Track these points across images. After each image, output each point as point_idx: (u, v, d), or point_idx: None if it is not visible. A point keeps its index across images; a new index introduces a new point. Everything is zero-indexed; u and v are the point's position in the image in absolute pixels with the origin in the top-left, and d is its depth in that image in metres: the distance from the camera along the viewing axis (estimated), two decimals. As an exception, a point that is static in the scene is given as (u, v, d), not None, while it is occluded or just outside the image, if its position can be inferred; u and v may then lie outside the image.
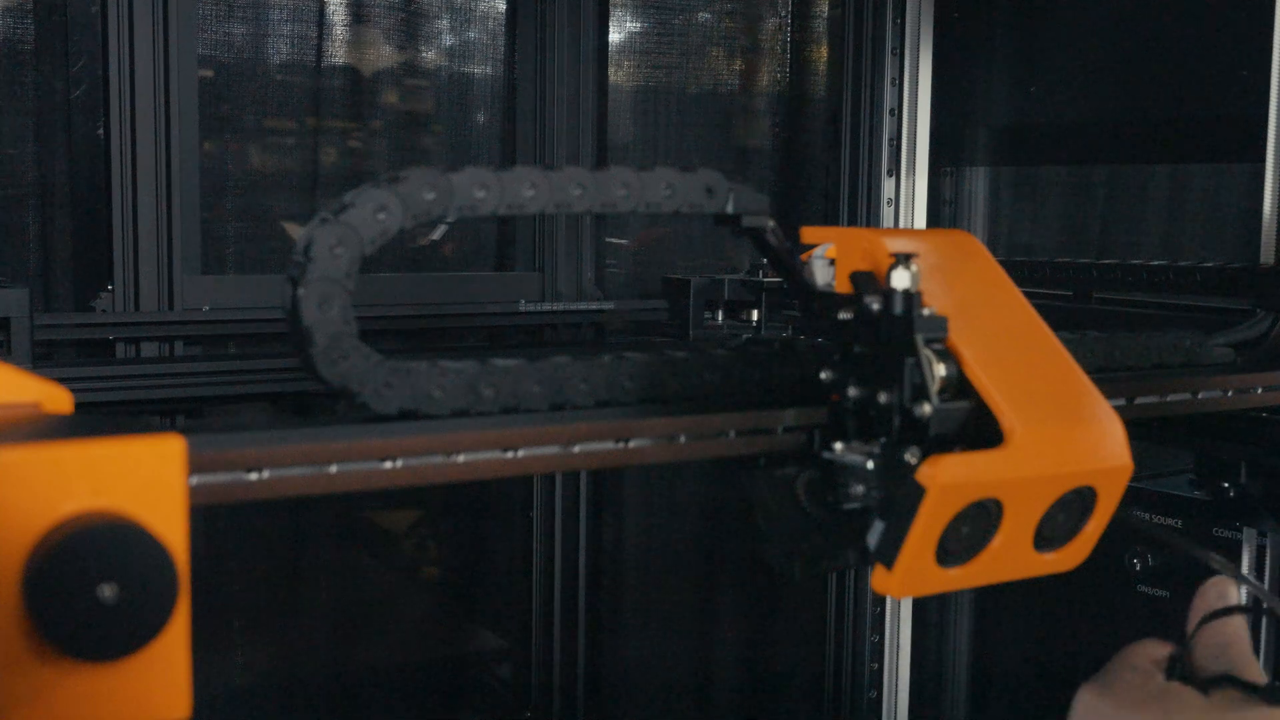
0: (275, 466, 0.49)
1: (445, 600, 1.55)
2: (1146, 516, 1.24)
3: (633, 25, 1.57)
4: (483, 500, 1.53)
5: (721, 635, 1.67)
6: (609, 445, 0.55)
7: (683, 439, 0.56)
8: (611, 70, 1.52)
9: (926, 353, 0.55)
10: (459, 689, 1.54)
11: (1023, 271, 1.21)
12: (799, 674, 1.68)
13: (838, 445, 0.56)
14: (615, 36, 1.54)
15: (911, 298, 0.54)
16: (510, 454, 0.53)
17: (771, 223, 0.59)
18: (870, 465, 0.55)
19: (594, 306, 1.45)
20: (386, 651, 1.49)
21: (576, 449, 0.54)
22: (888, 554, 0.53)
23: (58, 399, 0.50)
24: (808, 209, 1.65)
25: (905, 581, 0.54)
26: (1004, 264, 0.63)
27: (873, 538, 0.54)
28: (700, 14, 1.61)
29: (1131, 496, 1.25)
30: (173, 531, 0.43)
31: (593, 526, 1.51)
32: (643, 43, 1.57)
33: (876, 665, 1.57)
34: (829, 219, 1.60)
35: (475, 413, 0.54)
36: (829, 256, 0.59)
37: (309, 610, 1.44)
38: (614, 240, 1.56)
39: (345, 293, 0.50)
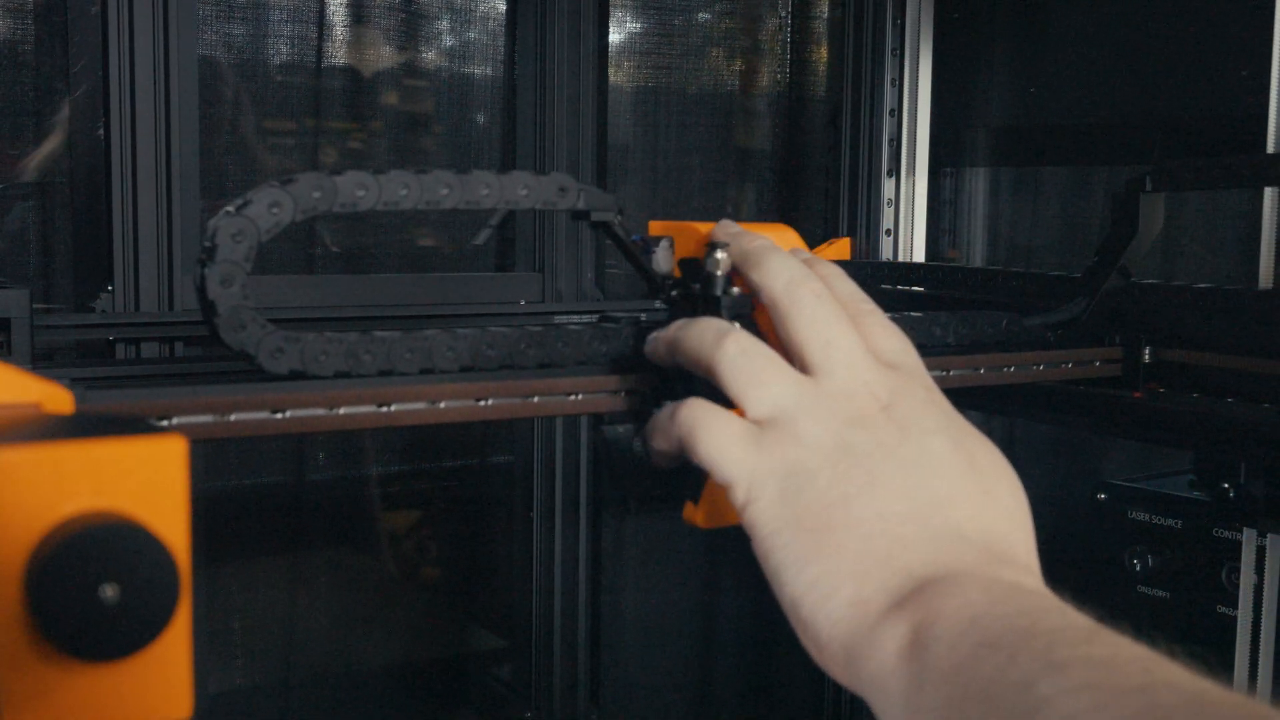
0: (183, 414, 0.58)
1: (445, 600, 1.55)
2: (1146, 517, 1.24)
3: (633, 25, 1.57)
4: (482, 500, 1.53)
5: (723, 635, 1.67)
6: (469, 403, 0.65)
7: (535, 399, 0.67)
8: (611, 70, 1.52)
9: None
10: (459, 689, 1.54)
11: (883, 271, 1.30)
12: (800, 674, 1.68)
13: (665, 405, 0.66)
14: (615, 37, 1.54)
15: (719, 280, 0.65)
16: (384, 408, 0.63)
17: (619, 217, 0.70)
18: None
19: (594, 308, 1.45)
20: (386, 651, 1.49)
21: (442, 405, 0.65)
22: (695, 492, 0.65)
23: (58, 399, 0.50)
24: (808, 209, 1.66)
25: (708, 515, 0.65)
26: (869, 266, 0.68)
27: (690, 479, 0.65)
28: (700, 14, 1.62)
29: (1131, 496, 1.26)
30: (174, 531, 0.43)
31: (593, 526, 1.51)
32: (643, 43, 1.57)
33: (876, 665, 1.57)
34: (829, 219, 1.60)
35: (356, 374, 0.64)
36: (670, 247, 0.72)
37: (309, 610, 1.44)
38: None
39: (244, 273, 0.60)
